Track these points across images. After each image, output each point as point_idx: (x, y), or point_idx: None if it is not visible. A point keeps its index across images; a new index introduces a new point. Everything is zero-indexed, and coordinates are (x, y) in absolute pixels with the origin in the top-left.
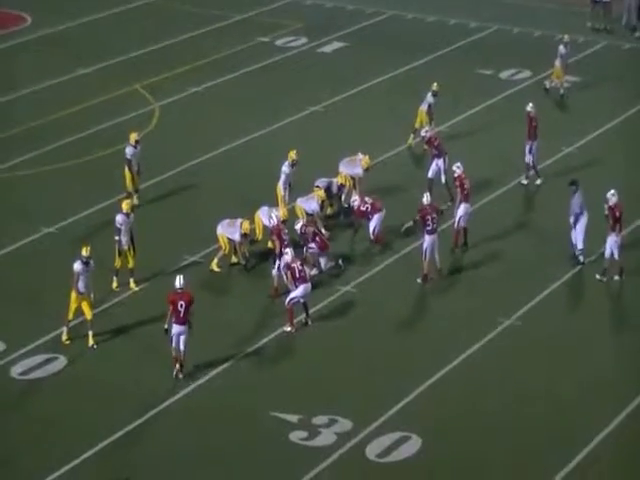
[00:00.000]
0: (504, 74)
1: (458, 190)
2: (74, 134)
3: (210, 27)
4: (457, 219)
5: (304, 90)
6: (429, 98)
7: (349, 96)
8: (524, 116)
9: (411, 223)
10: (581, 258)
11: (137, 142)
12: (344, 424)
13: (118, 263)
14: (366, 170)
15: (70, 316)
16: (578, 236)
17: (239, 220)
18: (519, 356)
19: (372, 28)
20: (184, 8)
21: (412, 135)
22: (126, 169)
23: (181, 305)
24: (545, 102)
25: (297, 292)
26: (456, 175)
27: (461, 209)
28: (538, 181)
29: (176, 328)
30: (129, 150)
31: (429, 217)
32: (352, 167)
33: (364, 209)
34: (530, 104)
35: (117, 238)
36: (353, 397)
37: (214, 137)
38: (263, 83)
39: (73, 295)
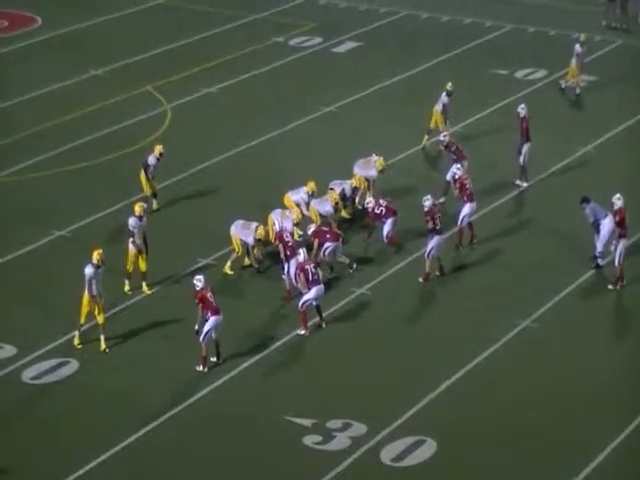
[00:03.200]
0: (520, 74)
1: (460, 192)
2: (85, 136)
3: (223, 27)
4: (461, 218)
5: (317, 91)
6: (443, 98)
7: (363, 97)
8: (515, 117)
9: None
10: (600, 261)
11: (161, 155)
12: (358, 428)
13: (130, 267)
14: (380, 172)
15: (82, 320)
16: (601, 239)
17: (254, 224)
18: (536, 359)
19: (386, 28)
20: (196, 8)
21: (426, 136)
22: (142, 174)
23: (210, 296)
24: (561, 102)
25: (310, 294)
26: (457, 177)
27: (466, 208)
28: (524, 184)
29: (214, 320)
30: (152, 160)
31: (437, 216)
32: (366, 169)
33: (378, 212)
34: (522, 105)
35: (131, 241)
36: (367, 401)
37: (227, 139)
38: (276, 84)
39: (85, 299)
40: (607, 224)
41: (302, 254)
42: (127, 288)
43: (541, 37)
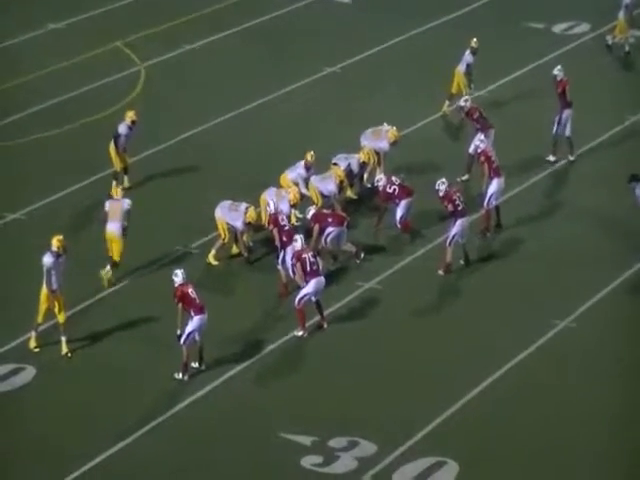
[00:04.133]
0: (557, 28)
1: (485, 166)
2: (43, 102)
3: None
4: (488, 198)
5: (318, 48)
6: (467, 57)
7: (371, 55)
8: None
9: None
10: None
11: (134, 123)
12: (366, 447)
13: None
14: (393, 144)
15: (40, 319)
16: None
17: (243, 205)
18: (575, 365)
19: None
20: None
21: (447, 101)
22: (112, 146)
23: (192, 292)
24: (607, 61)
25: (308, 288)
26: (480, 150)
27: (493, 185)
28: (571, 157)
29: (198, 320)
30: (123, 130)
31: (456, 197)
32: (377, 140)
33: (390, 191)
34: (558, 67)
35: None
36: (377, 415)
37: (211, 104)
38: (269, 39)
39: (43, 294)
40: None
41: (299, 240)
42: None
43: None
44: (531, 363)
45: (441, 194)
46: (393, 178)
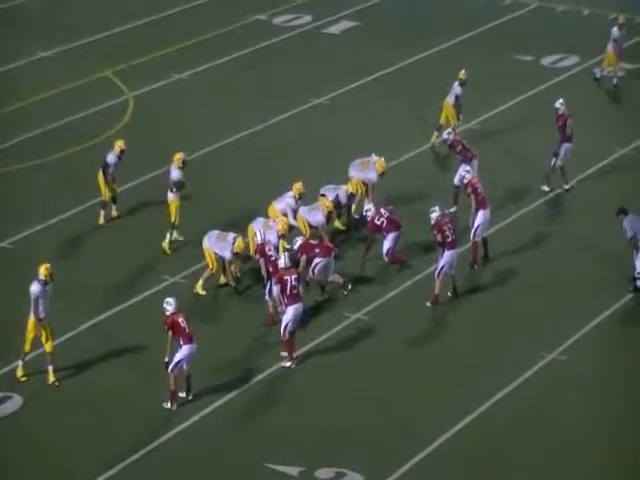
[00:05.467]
0: (546, 60)
1: (472, 197)
2: (32, 130)
3: (196, 2)
4: (474, 229)
5: (307, 79)
6: (456, 88)
7: (360, 86)
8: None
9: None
10: (639, 283)
11: (122, 152)
12: (354, 478)
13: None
14: (381, 175)
15: (27, 347)
16: (639, 257)
17: (231, 235)
18: (564, 397)
19: (388, 5)
20: None
21: (436, 133)
22: (100, 175)
23: (182, 321)
24: (595, 94)
25: (288, 316)
26: (466, 181)
27: (479, 217)
28: (566, 186)
29: (187, 349)
30: (112, 159)
31: (446, 227)
32: (365, 171)
33: (379, 223)
34: (560, 100)
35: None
36: (364, 446)
37: (199, 134)
38: (258, 70)
39: (30, 322)
40: None
41: (283, 259)
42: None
43: (572, 17)
44: (519, 395)
45: (432, 222)
46: (382, 210)
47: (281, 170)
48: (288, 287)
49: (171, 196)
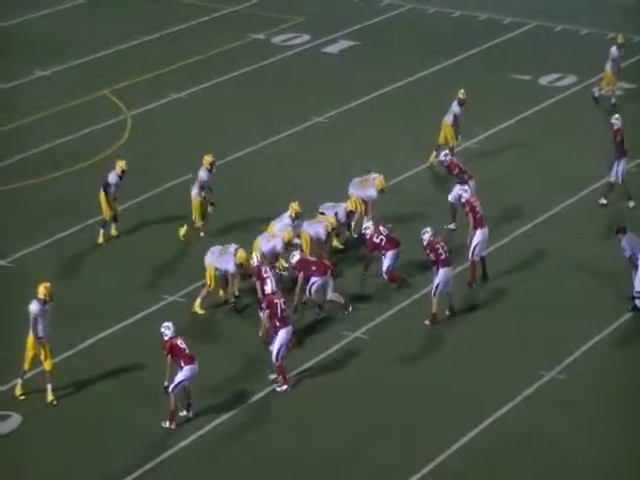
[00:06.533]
0: (544, 80)
1: (470, 216)
2: (29, 149)
3: (194, 21)
4: (472, 249)
5: (305, 98)
6: (454, 108)
7: (359, 105)
8: (610, 130)
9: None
10: (637, 303)
11: (124, 172)
12: None
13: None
14: (380, 191)
15: (26, 366)
16: (638, 276)
17: (233, 246)
18: (563, 417)
19: (386, 24)
20: None
21: (434, 152)
22: (102, 195)
23: (181, 343)
24: (593, 113)
25: (280, 341)
26: (464, 200)
27: (477, 236)
28: (630, 203)
29: (188, 370)
30: (112, 179)
31: (439, 246)
32: (364, 189)
33: (377, 241)
34: (616, 115)
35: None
36: (360, 465)
37: (197, 153)
38: (256, 89)
39: (30, 341)
40: None
41: (269, 283)
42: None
43: (570, 37)
44: (518, 414)
45: (424, 243)
46: (381, 228)
47: (280, 189)
48: (278, 311)
49: (194, 194)
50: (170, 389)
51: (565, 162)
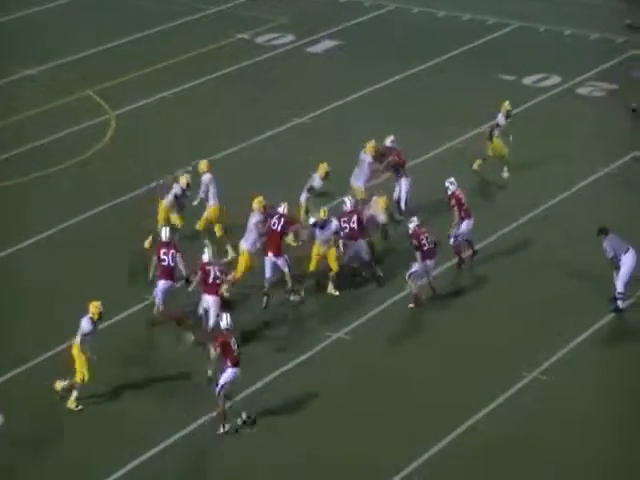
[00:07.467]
0: (528, 80)
1: (456, 209)
2: (14, 148)
3: (178, 21)
4: (456, 235)
5: (288, 98)
6: (500, 119)
7: (342, 106)
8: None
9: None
10: (619, 303)
11: (189, 186)
12: None
13: None
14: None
15: (85, 376)
16: (621, 277)
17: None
18: (544, 419)
19: (371, 24)
20: None
21: (479, 161)
22: (162, 203)
23: (234, 343)
24: (577, 113)
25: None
26: (450, 192)
27: (463, 226)
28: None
29: (232, 373)
30: (177, 190)
31: (423, 237)
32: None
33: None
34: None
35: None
36: (342, 466)
37: (180, 154)
38: (240, 89)
39: (75, 348)
40: (629, 260)
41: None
42: None
43: (554, 37)
44: (500, 414)
45: (410, 232)
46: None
47: (263, 188)
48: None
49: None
50: (217, 391)
51: (549, 161)
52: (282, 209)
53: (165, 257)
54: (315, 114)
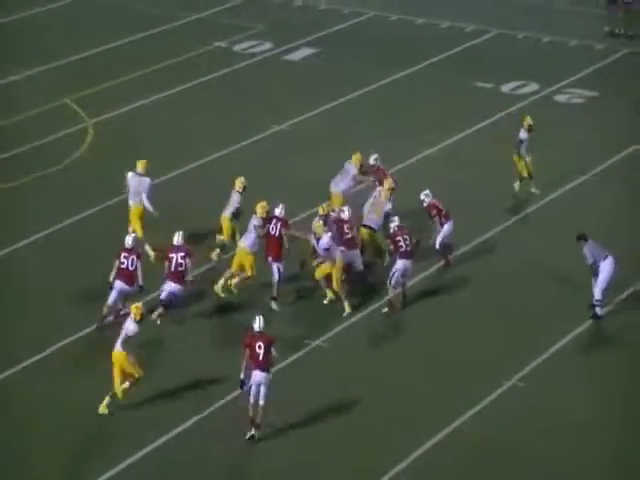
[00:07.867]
0: (506, 87)
1: (437, 218)
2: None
3: (156, 29)
4: (440, 239)
5: (267, 106)
6: (522, 135)
7: (321, 113)
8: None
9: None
10: (598, 310)
11: (245, 188)
12: None
13: None
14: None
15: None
16: (599, 284)
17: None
18: (522, 426)
19: (349, 31)
20: (125, 6)
21: (531, 182)
22: (227, 216)
23: (259, 347)
24: (555, 121)
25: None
26: (426, 204)
27: (446, 228)
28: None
29: (256, 375)
30: (236, 197)
31: (400, 238)
32: (379, 212)
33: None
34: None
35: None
36: (326, 470)
37: (158, 162)
38: (218, 97)
39: (123, 356)
40: (607, 267)
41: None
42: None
43: (532, 44)
44: (478, 422)
45: (390, 231)
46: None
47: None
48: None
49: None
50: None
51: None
52: (279, 211)
53: (125, 261)
54: (294, 121)
